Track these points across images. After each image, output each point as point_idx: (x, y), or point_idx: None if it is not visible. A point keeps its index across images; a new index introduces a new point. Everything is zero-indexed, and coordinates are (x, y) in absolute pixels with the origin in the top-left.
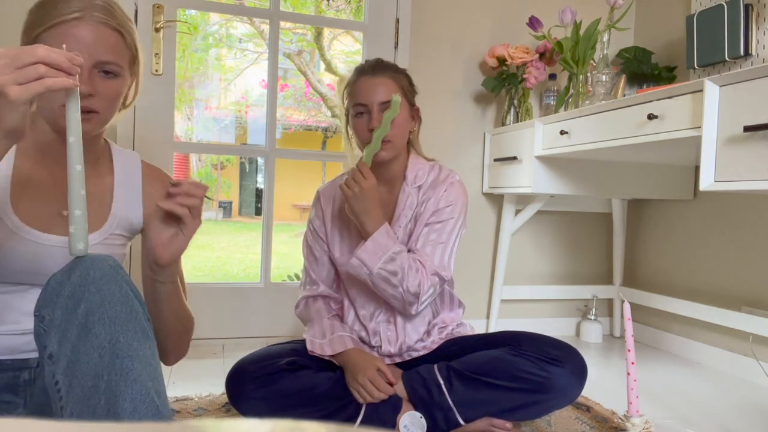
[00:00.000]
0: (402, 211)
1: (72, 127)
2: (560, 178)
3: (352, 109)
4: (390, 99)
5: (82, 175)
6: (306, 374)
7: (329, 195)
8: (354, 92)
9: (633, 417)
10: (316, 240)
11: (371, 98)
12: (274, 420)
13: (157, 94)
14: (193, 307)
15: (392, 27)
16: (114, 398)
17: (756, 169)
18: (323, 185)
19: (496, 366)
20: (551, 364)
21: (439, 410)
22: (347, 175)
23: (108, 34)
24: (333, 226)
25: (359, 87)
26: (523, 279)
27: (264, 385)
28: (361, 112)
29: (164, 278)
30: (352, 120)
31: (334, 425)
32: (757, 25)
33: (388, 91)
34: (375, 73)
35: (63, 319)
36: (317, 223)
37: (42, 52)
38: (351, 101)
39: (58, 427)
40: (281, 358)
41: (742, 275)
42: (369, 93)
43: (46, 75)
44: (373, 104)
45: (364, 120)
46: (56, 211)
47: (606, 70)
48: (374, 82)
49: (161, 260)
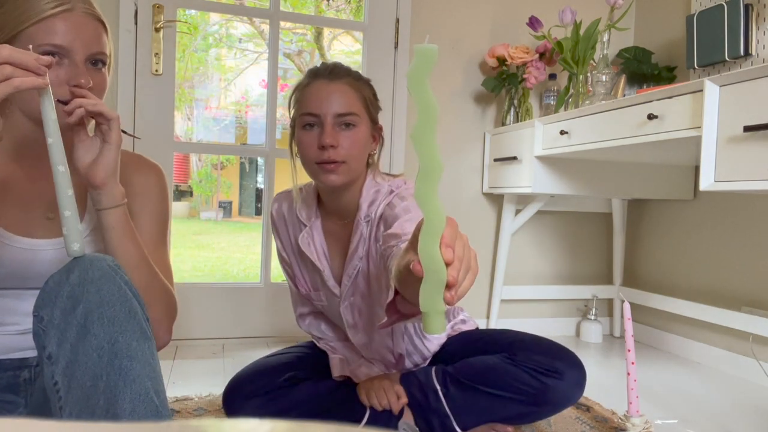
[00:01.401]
0: (353, 249)
1: (50, 128)
2: (560, 178)
3: (299, 119)
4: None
5: (67, 176)
6: (307, 386)
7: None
8: (304, 99)
9: (633, 417)
10: (282, 261)
11: (325, 108)
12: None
13: (157, 94)
14: (193, 307)
15: (392, 27)
16: (113, 398)
17: (756, 169)
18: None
19: (492, 375)
20: (549, 376)
21: (435, 416)
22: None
23: (95, 25)
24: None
25: (311, 93)
26: (523, 279)
27: (263, 405)
28: (311, 124)
29: (105, 202)
30: (298, 133)
31: (335, 425)
32: (757, 25)
33: (347, 101)
34: (332, 78)
35: (62, 319)
36: (281, 250)
37: (6, 52)
38: (299, 110)
39: (58, 427)
40: (280, 374)
41: (742, 275)
42: (323, 102)
43: (12, 75)
44: (326, 115)
45: (314, 134)
46: (39, 214)
47: (606, 70)
48: (330, 88)
49: (96, 179)
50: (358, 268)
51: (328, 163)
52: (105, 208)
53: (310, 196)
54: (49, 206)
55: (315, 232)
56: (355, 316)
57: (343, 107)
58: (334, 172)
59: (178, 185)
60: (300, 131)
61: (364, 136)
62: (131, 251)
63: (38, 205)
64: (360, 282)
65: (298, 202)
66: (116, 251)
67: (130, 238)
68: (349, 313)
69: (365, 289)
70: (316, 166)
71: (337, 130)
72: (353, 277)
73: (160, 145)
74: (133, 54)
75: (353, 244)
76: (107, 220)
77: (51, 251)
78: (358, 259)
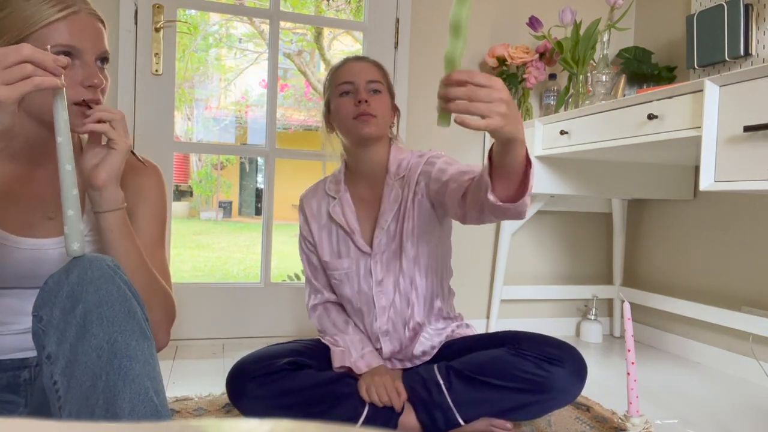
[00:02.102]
0: (387, 206)
1: (60, 127)
2: (560, 178)
3: (336, 89)
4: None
5: (73, 175)
6: (307, 373)
7: (310, 198)
8: (339, 74)
9: (633, 417)
10: (309, 248)
11: (359, 77)
12: (274, 420)
13: (157, 94)
14: (193, 307)
15: (392, 27)
16: (112, 398)
17: (756, 169)
18: (304, 191)
19: (495, 366)
20: (551, 364)
21: (438, 410)
22: (330, 180)
23: (99, 25)
24: (319, 229)
25: (345, 69)
26: (523, 279)
27: (265, 384)
28: (347, 91)
29: (105, 204)
30: (336, 101)
31: (335, 425)
32: (757, 25)
33: (375, 73)
34: (360, 59)
35: (61, 319)
36: (305, 229)
37: (28, 51)
38: (335, 83)
39: (58, 427)
40: (282, 357)
41: (742, 275)
42: (356, 72)
43: (33, 74)
44: (360, 82)
45: (350, 97)
46: (40, 215)
47: (606, 70)
48: (361, 64)
49: (97, 181)
50: (391, 223)
51: (364, 115)
52: (104, 211)
53: (338, 173)
54: (50, 206)
55: (344, 201)
56: (383, 271)
57: (372, 76)
58: (369, 123)
59: (178, 185)
60: (337, 100)
61: (387, 102)
62: (130, 254)
63: (39, 205)
64: (393, 236)
65: (328, 182)
66: (115, 254)
67: (128, 241)
68: (379, 268)
69: (397, 244)
70: (353, 121)
71: (369, 93)
72: (387, 231)
73: (160, 145)
74: (133, 54)
75: (385, 202)
76: (106, 223)
77: (56, 250)
78: (392, 215)
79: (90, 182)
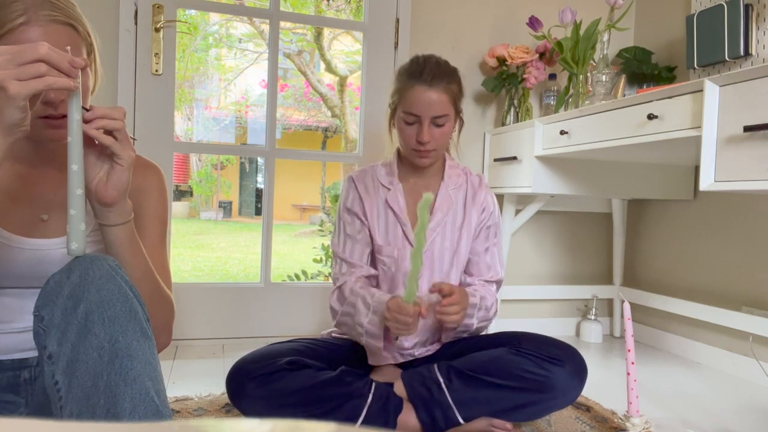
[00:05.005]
0: (440, 207)
1: (72, 127)
2: (560, 178)
3: (402, 112)
4: (443, 114)
5: (80, 176)
6: (307, 373)
7: (363, 179)
8: (407, 99)
9: (633, 417)
10: (353, 218)
11: (425, 112)
12: (274, 420)
13: (157, 94)
14: (193, 307)
15: (392, 27)
16: (113, 398)
17: (756, 169)
18: (354, 172)
19: (496, 365)
20: (551, 363)
21: (438, 408)
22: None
23: (60, 31)
24: (372, 206)
25: (413, 96)
26: (523, 279)
27: (264, 384)
28: (412, 122)
29: (114, 219)
30: (400, 122)
31: (335, 425)
32: (757, 25)
33: (442, 107)
34: (432, 85)
35: (62, 319)
36: (355, 200)
37: (44, 50)
38: (402, 105)
39: (58, 427)
40: (282, 357)
41: (742, 275)
42: (423, 107)
43: (47, 74)
44: (425, 119)
45: (413, 129)
46: (35, 216)
47: (606, 70)
48: (430, 95)
49: (107, 198)
50: (442, 222)
51: (422, 151)
52: (113, 225)
53: (391, 164)
54: (44, 208)
55: (398, 192)
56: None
57: (438, 111)
58: (426, 157)
59: (178, 185)
60: (401, 122)
61: (450, 128)
62: (137, 264)
63: (42, 206)
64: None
65: (379, 169)
66: (123, 266)
67: (136, 251)
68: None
69: (440, 244)
70: (413, 151)
71: (431, 128)
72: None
73: (160, 145)
74: (133, 54)
75: (438, 202)
76: (114, 236)
77: (58, 250)
78: (442, 215)
79: (99, 200)
